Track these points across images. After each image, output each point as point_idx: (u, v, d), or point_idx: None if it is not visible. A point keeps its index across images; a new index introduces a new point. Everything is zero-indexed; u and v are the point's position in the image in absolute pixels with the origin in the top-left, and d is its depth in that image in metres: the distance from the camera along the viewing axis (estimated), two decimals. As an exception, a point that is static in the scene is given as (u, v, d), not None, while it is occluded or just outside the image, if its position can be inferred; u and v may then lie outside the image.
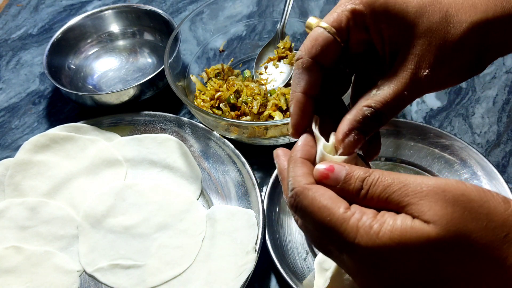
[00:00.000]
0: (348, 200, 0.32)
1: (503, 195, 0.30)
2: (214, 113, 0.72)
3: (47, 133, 0.72)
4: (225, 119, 0.66)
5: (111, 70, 0.87)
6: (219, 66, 0.79)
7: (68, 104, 0.84)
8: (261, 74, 0.80)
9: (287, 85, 0.77)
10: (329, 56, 0.37)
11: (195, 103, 0.74)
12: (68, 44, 0.86)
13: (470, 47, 0.35)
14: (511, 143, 0.71)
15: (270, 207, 0.62)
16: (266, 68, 0.80)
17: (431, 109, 0.76)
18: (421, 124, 0.68)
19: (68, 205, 0.67)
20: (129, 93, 0.76)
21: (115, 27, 0.90)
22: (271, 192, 0.63)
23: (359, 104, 0.35)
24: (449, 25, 0.34)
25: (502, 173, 0.62)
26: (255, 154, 0.69)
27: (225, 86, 0.74)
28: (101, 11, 0.89)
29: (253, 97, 0.72)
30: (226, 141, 0.69)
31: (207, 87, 0.77)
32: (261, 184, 0.67)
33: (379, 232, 0.29)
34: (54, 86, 0.86)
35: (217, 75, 0.79)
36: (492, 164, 0.62)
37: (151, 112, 0.74)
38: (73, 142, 0.72)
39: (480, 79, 0.79)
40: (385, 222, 0.29)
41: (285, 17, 0.79)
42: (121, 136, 0.74)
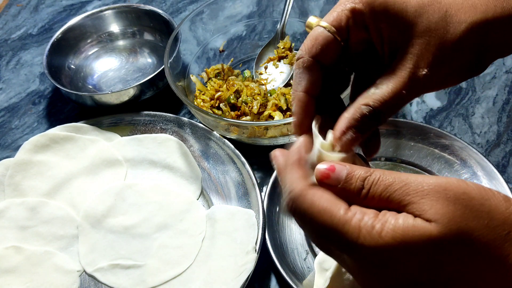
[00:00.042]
0: (349, 199, 0.32)
1: (503, 193, 0.30)
2: (214, 113, 0.72)
3: (47, 133, 0.72)
4: (225, 119, 0.66)
5: (111, 70, 0.87)
6: (219, 66, 0.79)
7: (68, 104, 0.84)
8: (261, 74, 0.80)
9: (287, 85, 0.77)
10: (329, 55, 0.37)
11: (195, 103, 0.74)
12: (68, 44, 0.86)
13: (470, 47, 0.35)
14: (511, 143, 0.71)
15: (270, 207, 0.62)
16: (266, 68, 0.80)
17: (431, 109, 0.76)
18: (421, 124, 0.68)
19: (68, 205, 0.67)
20: (129, 93, 0.76)
21: (115, 27, 0.90)
22: (271, 192, 0.63)
23: (357, 102, 0.35)
24: (448, 25, 0.34)
25: (502, 173, 0.62)
26: (255, 154, 0.69)
27: (225, 86, 0.74)
28: (101, 11, 0.89)
29: (253, 97, 0.72)
30: (226, 141, 0.69)
31: (207, 87, 0.77)
32: (261, 184, 0.67)
33: (381, 231, 0.29)
34: (54, 86, 0.86)
35: (217, 75, 0.79)
36: (492, 164, 0.62)
37: (151, 112, 0.74)
38: (73, 142, 0.72)
39: (480, 79, 0.79)
40: (387, 222, 0.29)
41: (285, 17, 0.79)
42: (121, 136, 0.74)
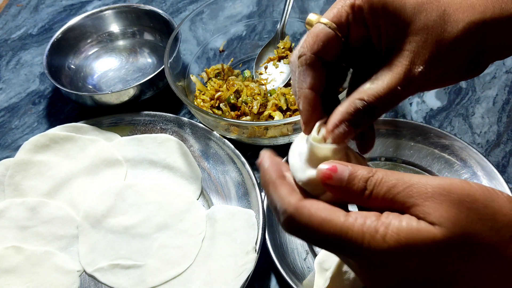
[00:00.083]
0: (351, 199, 0.32)
1: (507, 193, 0.30)
2: (214, 113, 0.72)
3: (47, 133, 0.72)
4: (225, 119, 0.65)
5: (111, 70, 0.87)
6: (219, 66, 0.79)
7: (68, 104, 0.84)
8: (261, 74, 0.80)
9: (287, 85, 0.77)
10: (331, 51, 0.37)
11: (195, 103, 0.74)
12: (68, 44, 0.86)
13: (467, 46, 0.35)
14: (511, 143, 0.71)
15: (270, 207, 0.62)
16: (266, 68, 0.80)
17: (431, 109, 0.76)
18: (421, 124, 0.68)
19: (68, 205, 0.67)
20: (129, 93, 0.76)
21: (115, 27, 0.90)
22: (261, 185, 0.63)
23: (352, 97, 0.35)
24: (446, 24, 0.34)
25: (502, 173, 0.62)
26: (255, 154, 0.69)
27: (225, 86, 0.74)
28: (101, 11, 0.89)
29: (253, 97, 0.72)
30: (226, 141, 0.69)
31: (207, 87, 0.77)
32: (261, 184, 0.67)
33: (385, 235, 0.29)
34: (54, 86, 0.86)
35: (217, 75, 0.79)
36: (492, 164, 0.62)
37: (151, 112, 0.74)
38: (73, 142, 0.72)
39: (480, 79, 0.79)
40: (390, 224, 0.29)
41: (285, 17, 0.79)
42: (121, 136, 0.74)
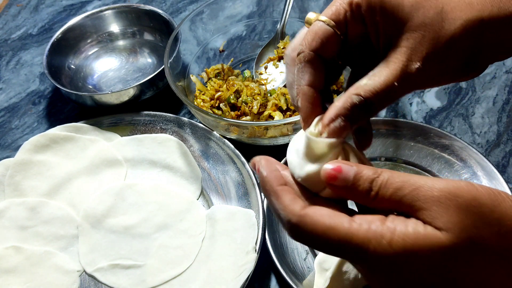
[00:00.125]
0: (356, 199, 0.32)
1: None
2: (214, 113, 0.72)
3: (47, 133, 0.72)
4: (225, 119, 0.65)
5: (111, 70, 0.87)
6: (219, 66, 0.79)
7: (68, 104, 0.84)
8: (261, 74, 0.80)
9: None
10: (329, 48, 0.37)
11: (195, 103, 0.74)
12: (68, 44, 0.86)
13: (464, 44, 0.35)
14: (511, 143, 0.71)
15: (270, 207, 0.62)
16: (266, 68, 0.80)
17: (431, 109, 0.76)
18: (421, 124, 0.68)
19: (68, 205, 0.67)
20: (129, 93, 0.76)
21: (115, 27, 0.90)
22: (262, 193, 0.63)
23: (348, 92, 0.35)
24: (443, 21, 0.34)
25: (502, 173, 0.62)
26: (255, 154, 0.69)
27: (225, 86, 0.74)
28: (101, 11, 0.89)
29: (253, 97, 0.72)
30: (226, 141, 0.69)
31: (207, 87, 0.77)
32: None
33: (391, 241, 0.29)
34: (54, 86, 0.86)
35: (217, 75, 0.79)
36: (492, 164, 0.62)
37: (151, 112, 0.74)
38: (73, 142, 0.72)
39: (480, 79, 0.79)
40: (396, 230, 0.29)
41: (285, 17, 0.79)
42: (121, 136, 0.74)
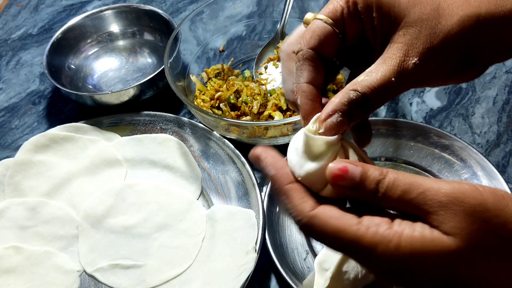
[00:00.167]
0: (363, 198, 0.32)
1: None
2: (214, 113, 0.72)
3: (47, 133, 0.72)
4: (225, 119, 0.65)
5: (111, 70, 0.87)
6: (219, 66, 0.79)
7: (68, 104, 0.84)
8: (261, 74, 0.80)
9: (287, 85, 0.76)
10: (328, 46, 0.37)
11: (195, 103, 0.74)
12: (68, 44, 0.86)
13: (461, 41, 0.35)
14: (511, 143, 0.71)
15: (270, 207, 0.62)
16: (266, 68, 0.80)
17: (431, 109, 0.76)
18: (421, 124, 0.68)
19: (68, 205, 0.67)
20: (129, 93, 0.76)
21: (115, 27, 0.90)
22: (271, 192, 0.63)
23: (346, 88, 0.35)
24: (440, 17, 0.34)
25: (502, 173, 0.62)
26: (255, 154, 0.69)
27: (225, 86, 0.74)
28: (101, 11, 0.89)
29: (253, 97, 0.72)
30: (226, 141, 0.69)
31: (207, 87, 0.77)
32: (261, 184, 0.67)
33: (398, 244, 0.29)
34: (54, 86, 0.86)
35: (217, 75, 0.79)
36: (492, 164, 0.62)
37: (151, 112, 0.74)
38: (73, 142, 0.72)
39: (480, 79, 0.79)
40: (403, 233, 0.30)
41: (285, 17, 0.79)
42: (121, 136, 0.74)
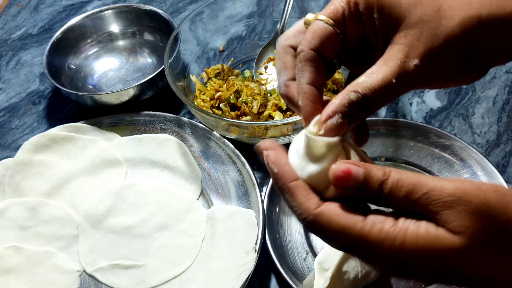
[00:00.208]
0: (366, 199, 0.33)
1: None
2: (214, 113, 0.72)
3: (47, 133, 0.72)
4: (225, 119, 0.65)
5: (111, 70, 0.87)
6: (219, 66, 0.79)
7: (68, 104, 0.84)
8: (261, 74, 0.80)
9: (287, 85, 0.76)
10: (329, 47, 0.37)
11: (195, 103, 0.74)
12: (68, 44, 0.86)
13: (462, 42, 0.34)
14: (511, 143, 0.71)
15: (270, 207, 0.62)
16: (266, 68, 0.80)
17: (431, 109, 0.76)
18: (421, 124, 0.68)
19: (68, 205, 0.67)
20: (129, 93, 0.76)
21: (115, 27, 0.90)
22: (271, 192, 0.63)
23: (346, 89, 0.35)
24: (441, 18, 0.34)
25: (502, 173, 0.62)
26: (255, 154, 0.69)
27: (225, 86, 0.74)
28: (101, 11, 0.89)
29: (253, 97, 0.72)
30: (226, 141, 0.69)
31: (207, 87, 0.77)
32: (261, 184, 0.67)
33: (403, 242, 0.30)
34: (54, 86, 0.86)
35: (217, 75, 0.79)
36: (492, 164, 0.62)
37: (151, 112, 0.74)
38: (73, 142, 0.72)
39: (480, 79, 0.79)
40: (408, 230, 0.30)
41: (285, 17, 0.79)
42: (121, 136, 0.74)
